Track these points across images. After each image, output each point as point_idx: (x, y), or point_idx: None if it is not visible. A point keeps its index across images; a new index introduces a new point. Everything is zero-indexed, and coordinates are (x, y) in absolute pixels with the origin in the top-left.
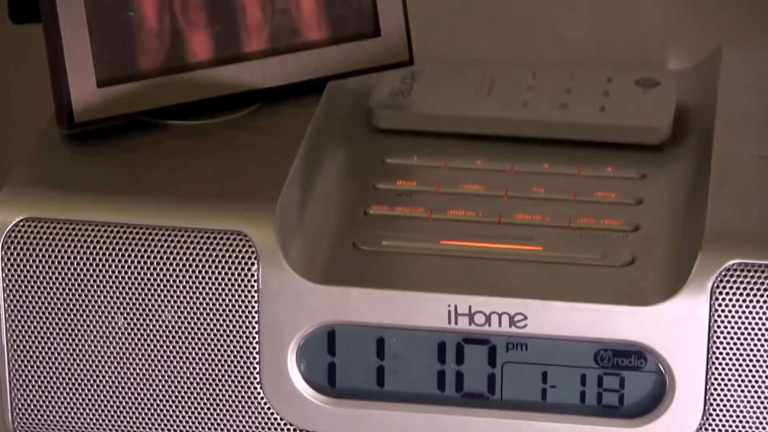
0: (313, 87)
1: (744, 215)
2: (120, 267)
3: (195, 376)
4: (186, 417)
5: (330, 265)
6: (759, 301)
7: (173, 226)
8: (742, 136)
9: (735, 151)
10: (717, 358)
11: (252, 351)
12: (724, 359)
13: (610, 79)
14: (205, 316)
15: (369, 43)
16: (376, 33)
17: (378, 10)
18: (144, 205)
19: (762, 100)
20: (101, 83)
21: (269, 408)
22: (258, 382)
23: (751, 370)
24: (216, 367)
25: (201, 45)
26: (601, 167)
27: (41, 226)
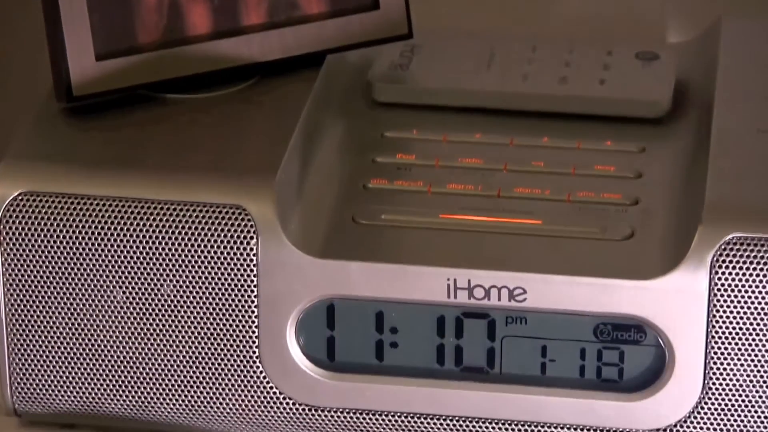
0: (312, 60)
1: (744, 189)
2: (119, 241)
3: (194, 350)
4: (185, 391)
5: (329, 239)
6: (759, 275)
7: (172, 200)
8: (742, 109)
9: (735, 125)
10: (716, 331)
11: (251, 325)
12: (723, 333)
13: (609, 53)
14: (204, 290)
15: (368, 17)
16: (375, 6)
17: None
18: (143, 179)
19: (762, 72)
20: (100, 57)
21: (268, 382)
22: (257, 356)
23: (751, 343)
24: (215, 342)
25: (200, 18)
26: (601, 141)
27: (40, 200)
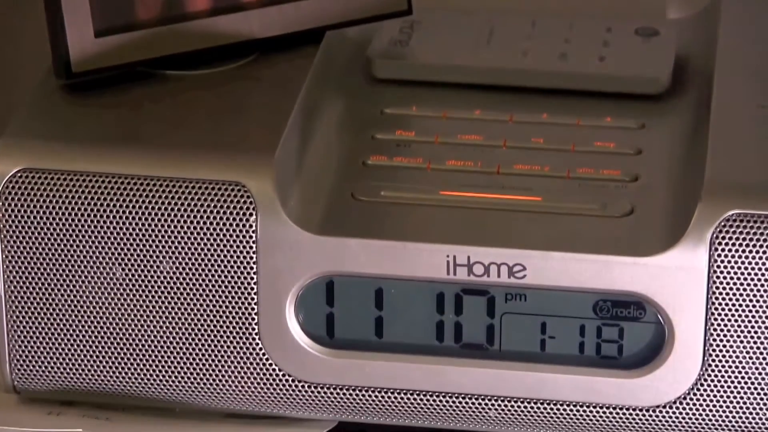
0: (312, 37)
1: (743, 165)
2: (118, 218)
3: (193, 327)
4: (184, 368)
5: (328, 216)
6: (758, 252)
7: (171, 176)
8: (742, 85)
9: (735, 101)
10: (716, 308)
11: (250, 302)
12: (723, 310)
13: (609, 29)
14: (204, 267)
15: None
16: None
17: None
18: (142, 156)
19: (762, 48)
20: (99, 33)
21: (267, 359)
22: (256, 333)
23: (750, 320)
24: (214, 319)
25: None
26: (601, 117)
27: (39, 176)
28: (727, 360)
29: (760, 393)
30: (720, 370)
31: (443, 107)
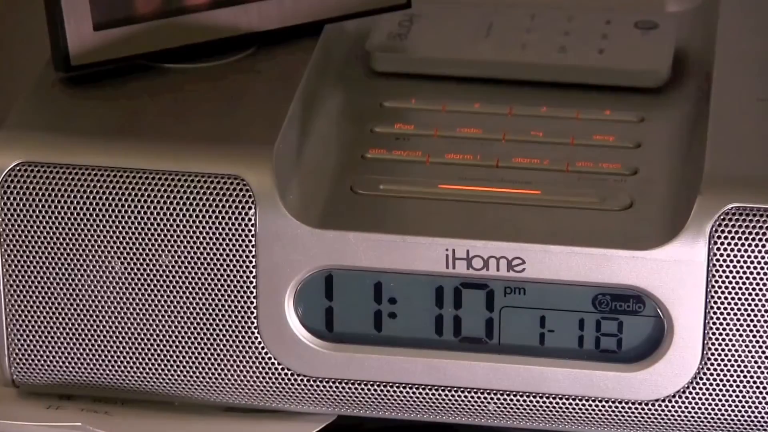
0: (311, 30)
1: (743, 159)
2: (117, 211)
3: (192, 320)
4: (183, 361)
5: (327, 209)
6: (757, 245)
7: (170, 169)
8: (741, 78)
9: (734, 94)
10: (715, 302)
11: (249, 296)
12: (722, 303)
13: (608, 22)
14: (203, 260)
15: None
16: None
17: None
18: (141, 149)
19: (762, 41)
20: (98, 26)
21: (266, 352)
22: (255, 326)
23: (750, 314)
24: (213, 312)
25: None
26: (600, 110)
27: (38, 170)
28: (727, 354)
29: (759, 386)
30: (719, 363)
31: (442, 100)
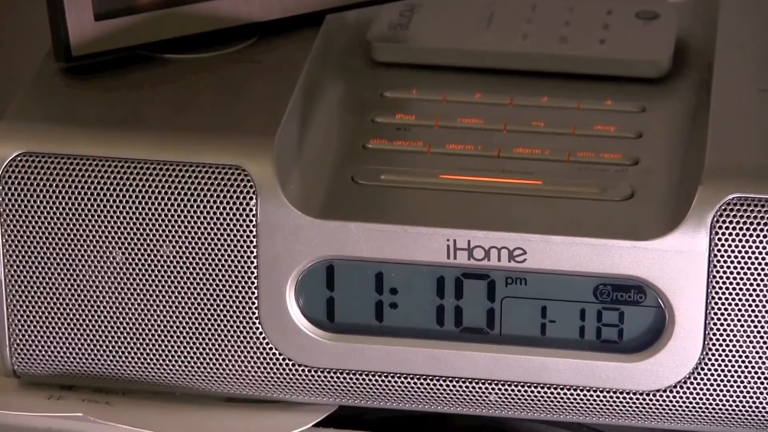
0: (312, 20)
1: (744, 149)
2: (118, 202)
3: (193, 311)
4: (184, 352)
5: (328, 200)
6: (759, 236)
7: (171, 160)
8: (742, 68)
9: (735, 85)
10: (716, 292)
11: (250, 286)
12: (723, 294)
13: (609, 12)
14: (204, 251)
15: None
16: None
17: None
18: (142, 140)
19: (763, 31)
20: (99, 16)
21: (268, 343)
22: (257, 317)
23: (751, 304)
24: (215, 303)
25: None
26: (601, 100)
27: (39, 160)
28: (728, 344)
29: (760, 377)
30: (720, 354)
31: (443, 90)
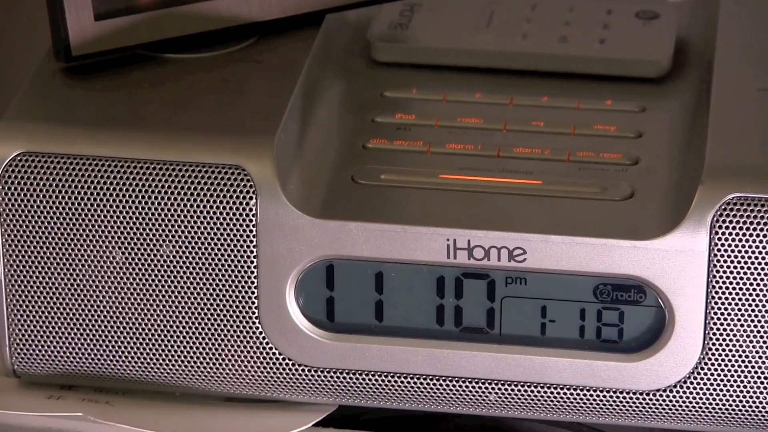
0: (312, 19)
1: (744, 149)
2: (118, 201)
3: (193, 311)
4: (184, 351)
5: (328, 199)
6: (759, 235)
7: (171, 160)
8: (742, 68)
9: (735, 84)
10: (716, 292)
11: (250, 286)
12: (723, 293)
13: (609, 12)
14: (204, 250)
15: None
16: None
17: None
18: (142, 139)
19: (763, 31)
20: (99, 16)
21: (268, 343)
22: (256, 317)
23: (751, 304)
24: (214, 302)
25: None
26: (601, 100)
27: (39, 160)
28: (728, 344)
29: (760, 377)
30: (720, 353)
31: (443, 90)
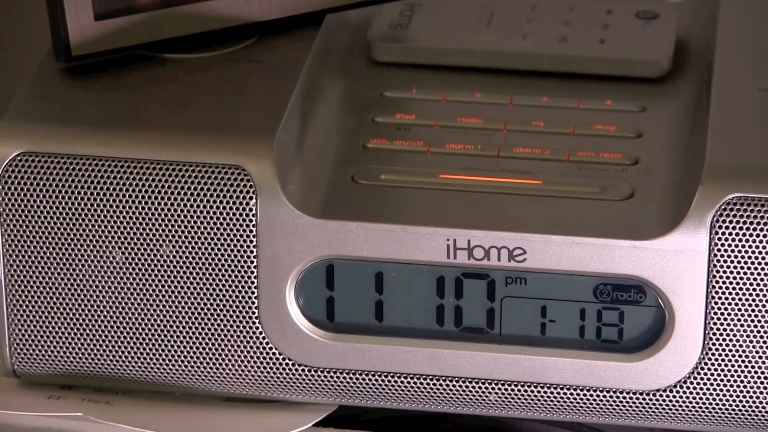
0: (312, 19)
1: (744, 149)
2: (118, 201)
3: (193, 311)
4: (184, 351)
5: (328, 199)
6: (759, 235)
7: (171, 160)
8: (742, 68)
9: (735, 84)
10: (716, 292)
11: (250, 286)
12: (723, 293)
13: (609, 12)
14: (204, 250)
15: None
16: None
17: None
18: (142, 139)
19: (763, 31)
20: (99, 16)
21: (267, 343)
22: (256, 317)
23: (751, 304)
24: (214, 302)
25: None
26: (601, 100)
27: (39, 160)
28: (728, 344)
29: (760, 376)
30: (720, 353)
31: (443, 90)
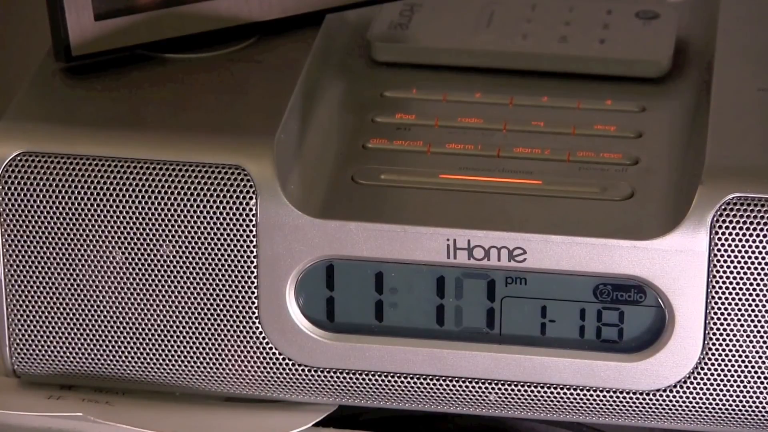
0: (312, 19)
1: (744, 149)
2: (118, 201)
3: (193, 311)
4: (184, 351)
5: (328, 199)
6: (759, 235)
7: (171, 160)
8: (742, 68)
9: (735, 84)
10: (716, 292)
11: (250, 286)
12: (723, 293)
13: (609, 12)
14: (204, 250)
15: None
16: None
17: None
18: (142, 139)
19: (763, 31)
20: (99, 16)
21: (268, 343)
22: (256, 317)
23: (751, 304)
24: (214, 302)
25: None
26: (601, 100)
27: (39, 160)
28: (728, 344)
29: (760, 376)
30: (720, 353)
31: (443, 90)
